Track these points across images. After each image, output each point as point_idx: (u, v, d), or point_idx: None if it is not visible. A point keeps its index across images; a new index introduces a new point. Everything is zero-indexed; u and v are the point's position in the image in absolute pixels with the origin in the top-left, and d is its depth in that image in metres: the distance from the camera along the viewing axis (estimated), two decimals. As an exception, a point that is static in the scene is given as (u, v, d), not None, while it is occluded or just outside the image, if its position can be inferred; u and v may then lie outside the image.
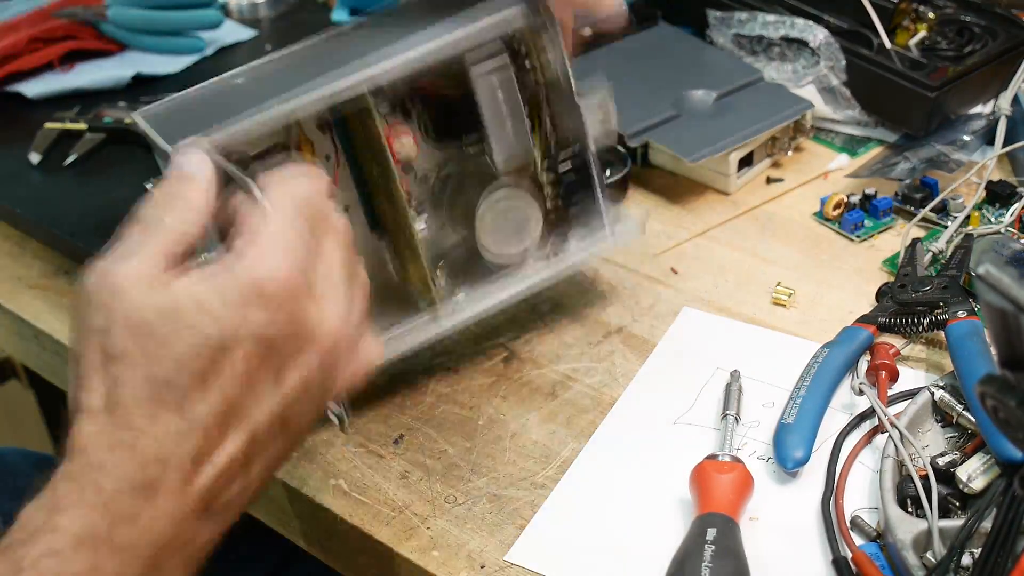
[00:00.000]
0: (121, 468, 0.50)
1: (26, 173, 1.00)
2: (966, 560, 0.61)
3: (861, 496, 0.68)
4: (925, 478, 0.65)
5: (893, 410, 0.71)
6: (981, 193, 0.88)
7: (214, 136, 0.64)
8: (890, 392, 0.73)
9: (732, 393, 0.74)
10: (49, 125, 1.03)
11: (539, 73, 0.75)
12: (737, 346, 0.79)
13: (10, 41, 1.11)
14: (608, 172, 0.87)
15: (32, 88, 1.10)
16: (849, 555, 0.63)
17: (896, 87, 0.93)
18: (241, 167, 0.58)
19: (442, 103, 0.74)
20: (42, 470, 0.90)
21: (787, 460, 0.69)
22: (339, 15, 1.09)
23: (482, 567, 0.66)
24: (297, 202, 0.56)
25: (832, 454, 0.70)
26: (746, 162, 0.95)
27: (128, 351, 0.51)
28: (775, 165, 0.96)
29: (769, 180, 0.95)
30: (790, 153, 0.96)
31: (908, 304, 0.77)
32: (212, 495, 0.52)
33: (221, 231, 0.57)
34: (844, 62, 0.95)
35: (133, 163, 0.97)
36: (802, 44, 0.97)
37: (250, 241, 0.54)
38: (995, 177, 0.90)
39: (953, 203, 0.88)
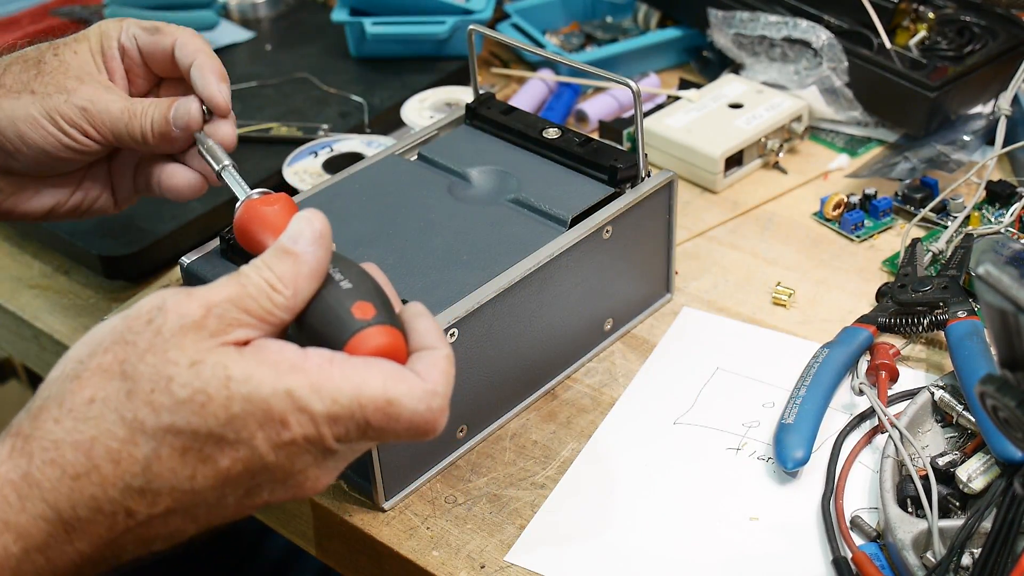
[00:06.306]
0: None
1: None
2: (966, 560, 0.61)
3: (861, 496, 0.68)
4: (925, 478, 0.65)
5: (893, 410, 0.71)
6: (981, 193, 0.88)
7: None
8: (890, 392, 0.73)
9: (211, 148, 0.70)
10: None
11: None
12: (737, 346, 0.79)
13: (10, 37, 1.10)
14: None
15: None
16: (849, 555, 0.63)
17: (896, 87, 0.93)
18: None
19: None
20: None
21: (787, 460, 0.69)
22: (339, 15, 1.09)
23: (482, 567, 0.66)
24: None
25: (832, 454, 0.70)
26: (736, 161, 0.95)
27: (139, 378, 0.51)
28: (766, 166, 0.97)
29: (776, 165, 0.96)
30: (782, 155, 0.96)
31: (908, 304, 0.77)
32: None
33: None
34: (847, 63, 0.95)
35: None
36: (804, 45, 0.97)
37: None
38: (995, 177, 0.90)
39: (953, 203, 0.88)
